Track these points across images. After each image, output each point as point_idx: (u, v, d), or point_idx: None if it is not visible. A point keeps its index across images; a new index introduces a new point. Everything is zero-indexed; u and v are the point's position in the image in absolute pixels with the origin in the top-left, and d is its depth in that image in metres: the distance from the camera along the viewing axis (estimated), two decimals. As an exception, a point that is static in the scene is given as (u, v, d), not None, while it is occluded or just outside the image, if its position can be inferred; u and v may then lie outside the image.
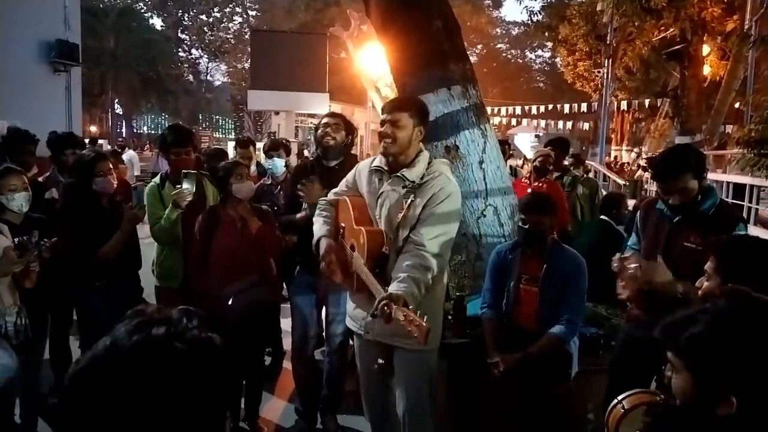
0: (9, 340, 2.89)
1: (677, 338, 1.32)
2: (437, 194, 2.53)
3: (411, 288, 2.34)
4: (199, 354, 0.88)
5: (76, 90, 15.80)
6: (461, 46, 4.05)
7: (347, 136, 3.55)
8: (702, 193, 2.66)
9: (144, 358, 0.84)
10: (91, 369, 0.86)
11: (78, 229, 3.25)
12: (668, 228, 2.74)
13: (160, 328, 0.88)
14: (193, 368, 0.86)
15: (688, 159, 2.66)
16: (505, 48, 45.93)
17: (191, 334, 0.89)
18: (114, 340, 0.87)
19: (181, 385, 0.85)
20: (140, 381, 0.83)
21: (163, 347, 0.86)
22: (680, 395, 1.36)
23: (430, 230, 2.50)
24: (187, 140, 3.68)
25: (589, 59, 22.55)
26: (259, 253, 3.42)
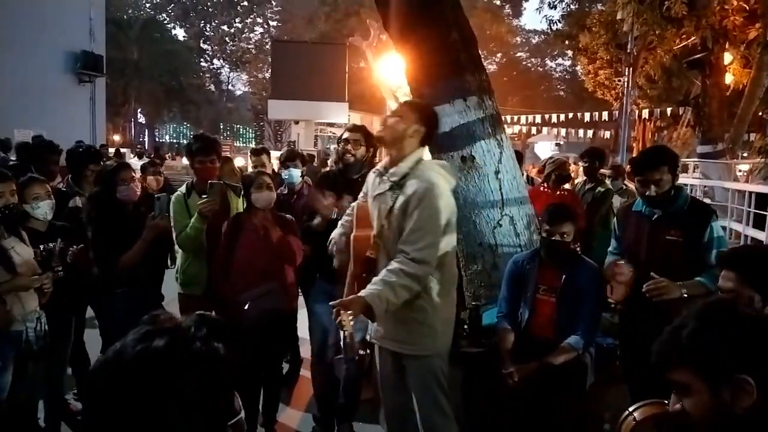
0: (30, 346, 2.97)
1: (675, 347, 1.31)
2: (410, 198, 2.51)
3: (381, 291, 2.39)
4: (199, 365, 0.91)
5: (101, 100, 16.15)
6: (477, 57, 4.08)
7: (368, 150, 3.61)
8: (675, 193, 2.92)
9: (143, 368, 0.88)
10: (100, 374, 0.91)
11: (101, 237, 3.33)
12: (648, 226, 2.96)
13: (162, 340, 0.91)
14: (192, 379, 0.89)
15: (664, 154, 2.98)
16: (525, 57, 45.78)
17: (194, 346, 0.92)
18: (121, 348, 0.92)
19: (180, 394, 0.88)
20: (140, 390, 0.87)
21: (162, 358, 0.89)
22: (699, 413, 1.30)
23: (411, 235, 2.49)
24: (212, 149, 3.75)
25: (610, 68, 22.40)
26: (278, 261, 3.48)
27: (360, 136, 3.60)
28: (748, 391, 1.23)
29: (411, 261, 2.45)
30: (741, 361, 1.24)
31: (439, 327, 2.67)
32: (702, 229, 2.83)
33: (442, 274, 2.63)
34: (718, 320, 1.28)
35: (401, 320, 2.62)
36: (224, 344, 0.97)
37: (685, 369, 1.30)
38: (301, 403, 4.15)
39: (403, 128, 2.61)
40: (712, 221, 2.87)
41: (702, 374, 1.27)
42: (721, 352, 1.26)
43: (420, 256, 2.47)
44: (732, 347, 1.25)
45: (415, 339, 2.65)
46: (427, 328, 2.63)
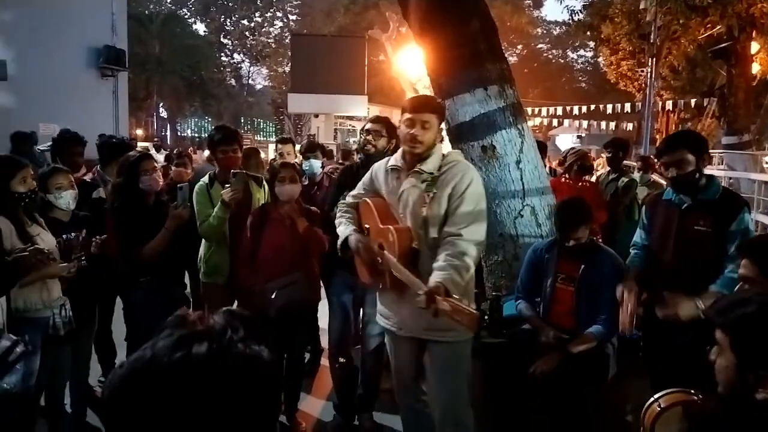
0: (57, 332, 3.03)
1: (727, 316, 1.34)
2: (459, 182, 2.55)
3: (451, 275, 2.35)
4: (244, 372, 0.83)
5: (123, 94, 16.34)
6: (498, 46, 4.05)
7: (389, 141, 3.58)
8: (706, 182, 2.86)
9: (185, 377, 0.80)
10: (131, 382, 0.82)
11: (124, 227, 3.37)
12: (678, 215, 2.89)
13: (202, 345, 0.83)
14: (237, 387, 0.82)
15: (684, 136, 3.03)
16: (546, 48, 45.36)
17: (236, 350, 0.84)
18: (154, 355, 0.83)
19: (224, 404, 0.81)
20: (180, 400, 0.79)
21: (205, 367, 0.81)
22: (722, 377, 1.38)
23: (462, 218, 2.51)
24: (234, 139, 3.78)
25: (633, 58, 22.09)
26: (304, 252, 3.50)
27: (381, 127, 3.59)
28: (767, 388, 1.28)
29: (467, 242, 2.46)
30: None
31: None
32: (731, 219, 2.75)
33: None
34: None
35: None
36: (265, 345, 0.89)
37: (725, 336, 1.35)
38: (322, 393, 4.18)
39: (435, 136, 2.65)
40: (743, 212, 2.79)
41: (737, 352, 1.31)
42: (759, 348, 1.31)
43: (475, 237, 2.49)
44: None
45: (443, 324, 2.50)
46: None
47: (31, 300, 2.94)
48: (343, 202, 2.99)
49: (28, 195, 2.96)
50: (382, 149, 3.55)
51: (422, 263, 2.55)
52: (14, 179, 2.90)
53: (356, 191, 2.94)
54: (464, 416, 2.70)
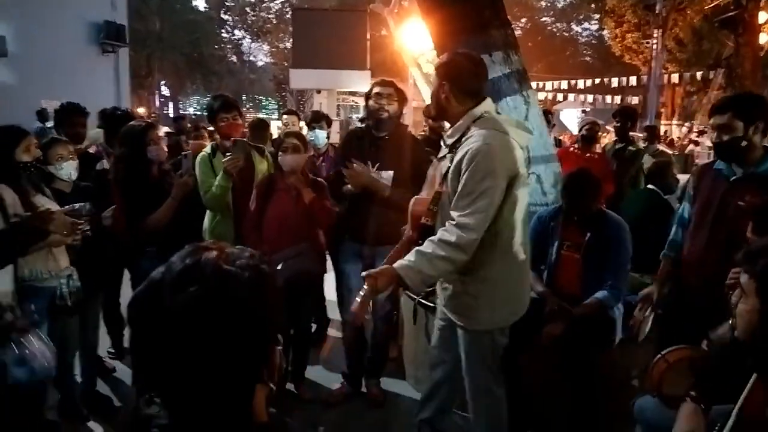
0: (64, 301, 3.04)
1: (756, 262, 1.34)
2: (465, 155, 2.27)
3: (415, 263, 2.23)
4: (249, 278, 0.90)
5: (124, 71, 16.25)
6: (503, 12, 3.99)
7: (399, 106, 3.50)
8: (762, 155, 2.62)
9: (195, 277, 0.88)
10: (147, 291, 0.91)
11: (130, 197, 3.37)
12: (724, 188, 2.68)
13: (212, 252, 0.92)
14: (243, 290, 0.89)
15: (737, 98, 2.78)
16: (551, 21, 44.76)
17: (242, 260, 0.92)
18: (168, 264, 0.92)
19: (232, 306, 0.87)
20: (191, 300, 0.86)
21: (214, 268, 0.89)
22: (742, 321, 1.38)
23: (460, 200, 2.29)
24: (233, 106, 3.75)
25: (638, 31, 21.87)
26: (309, 222, 3.49)
27: (393, 91, 3.46)
28: None
29: (455, 227, 2.25)
30: None
31: (495, 303, 2.45)
32: None
33: (498, 242, 2.36)
34: None
35: (455, 292, 2.51)
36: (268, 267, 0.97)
37: (752, 282, 1.37)
38: (328, 361, 4.21)
39: (439, 95, 2.43)
40: None
41: (762, 297, 1.32)
42: None
43: (464, 222, 2.24)
44: None
45: (466, 312, 2.49)
46: (481, 303, 2.44)
47: (37, 269, 2.94)
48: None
49: (33, 164, 2.95)
50: (394, 113, 3.45)
51: None
52: (18, 148, 2.89)
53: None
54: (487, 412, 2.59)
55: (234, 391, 0.91)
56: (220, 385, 0.89)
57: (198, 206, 3.67)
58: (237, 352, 0.89)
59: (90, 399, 3.57)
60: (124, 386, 3.87)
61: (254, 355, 0.92)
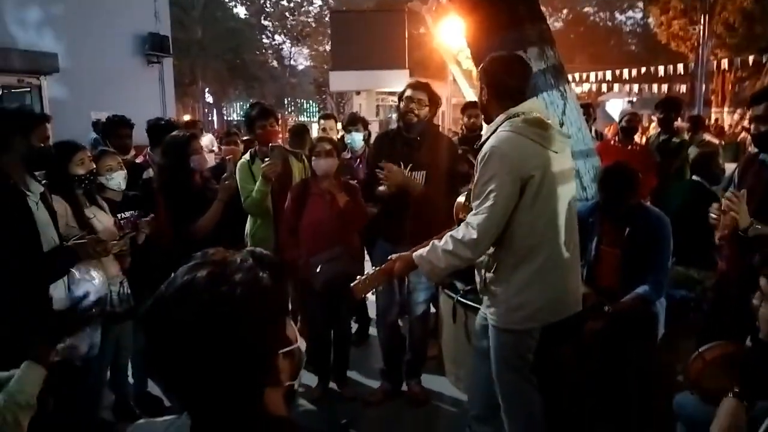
0: (113, 308, 3.16)
1: None
2: (481, 154, 2.36)
3: (428, 253, 2.39)
4: (241, 294, 0.93)
5: (169, 80, 16.69)
6: (537, 6, 3.96)
7: (431, 110, 3.50)
8: None
9: (187, 298, 0.92)
10: (152, 304, 0.96)
11: (175, 204, 3.48)
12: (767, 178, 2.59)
13: (205, 270, 0.95)
14: (233, 308, 0.92)
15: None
16: (593, 11, 43.81)
17: (237, 276, 0.95)
18: (172, 279, 0.97)
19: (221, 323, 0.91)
20: (185, 319, 0.91)
21: (203, 288, 0.93)
22: (765, 324, 1.36)
23: (474, 202, 2.38)
24: (270, 113, 3.85)
25: (684, 17, 21.23)
26: (345, 225, 3.55)
27: (425, 95, 3.45)
28: None
29: (465, 225, 2.34)
30: None
31: (512, 303, 2.43)
32: None
33: (513, 244, 2.37)
34: None
35: (481, 286, 2.57)
36: (271, 274, 0.99)
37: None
38: (371, 362, 4.25)
39: (481, 98, 2.52)
40: None
41: None
42: None
43: (471, 220, 2.32)
44: None
45: (491, 308, 2.53)
46: (500, 301, 2.47)
47: (87, 278, 3.06)
48: None
49: (87, 177, 3.09)
50: (424, 118, 3.46)
51: None
52: (72, 162, 3.04)
53: None
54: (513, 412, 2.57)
55: (237, 396, 0.95)
56: (223, 391, 0.94)
57: (240, 211, 3.77)
58: (233, 364, 0.92)
59: (142, 400, 3.70)
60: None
61: (253, 365, 0.95)
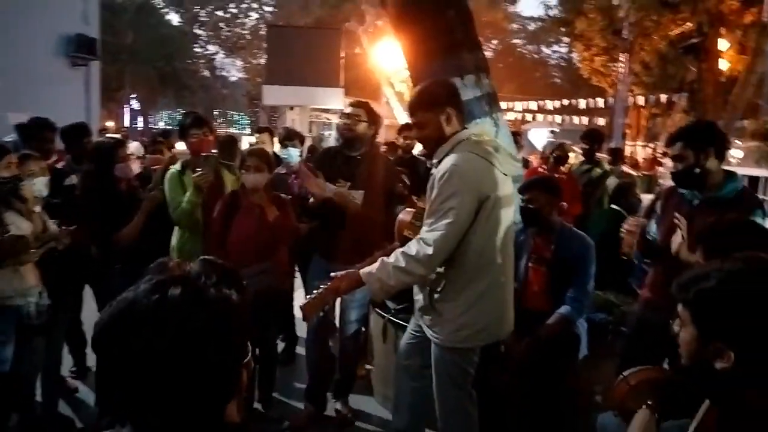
0: (31, 321, 2.99)
1: (688, 291, 1.38)
2: (439, 172, 2.37)
3: (377, 271, 2.34)
4: (215, 314, 0.93)
5: (95, 84, 16.03)
6: (474, 35, 4.08)
7: (370, 126, 3.54)
8: (724, 179, 2.71)
9: (160, 317, 0.90)
10: (114, 321, 0.92)
11: (98, 213, 3.34)
12: (686, 212, 2.73)
13: (176, 289, 0.93)
14: (210, 326, 0.92)
15: (687, 129, 2.84)
16: (522, 43, 45.56)
17: (208, 294, 0.95)
18: (135, 297, 0.93)
19: (198, 341, 0.90)
20: (156, 338, 0.88)
21: (179, 308, 0.91)
22: (685, 348, 1.43)
23: (427, 219, 2.39)
24: (204, 122, 3.78)
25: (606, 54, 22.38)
26: (273, 240, 3.48)
27: (362, 112, 3.52)
28: (725, 358, 1.33)
29: (418, 241, 2.33)
30: (730, 336, 1.32)
31: (459, 322, 2.46)
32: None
33: (464, 263, 2.40)
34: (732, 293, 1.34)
35: (424, 305, 2.56)
36: (235, 289, 1.00)
37: (686, 310, 1.41)
38: (298, 381, 4.18)
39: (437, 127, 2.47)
40: (755, 214, 2.59)
41: (697, 325, 1.35)
42: (717, 320, 1.35)
43: (426, 237, 2.32)
44: (728, 321, 1.33)
45: (432, 326, 2.55)
46: (445, 320, 2.49)
47: (2, 288, 2.89)
48: None
49: (8, 180, 2.92)
50: (361, 134, 3.50)
51: None
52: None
53: None
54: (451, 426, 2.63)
55: (205, 410, 0.93)
56: (191, 406, 0.92)
57: (166, 222, 3.65)
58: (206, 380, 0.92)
59: (52, 420, 3.48)
60: (86, 407, 3.80)
61: (222, 380, 0.95)
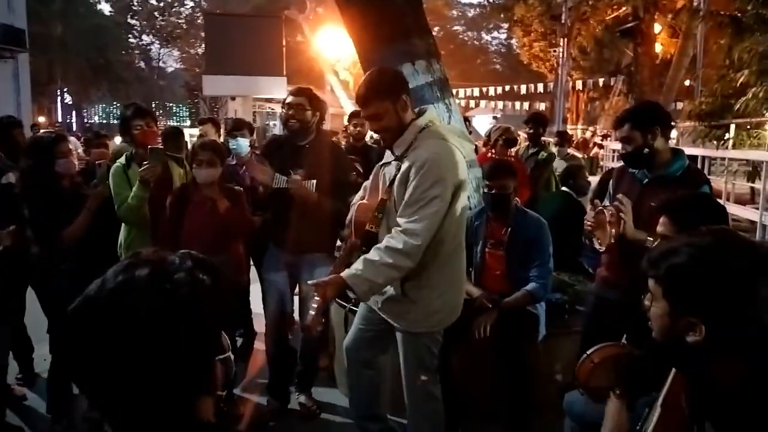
0: None
1: (659, 267, 1.39)
2: (415, 162, 2.35)
3: (363, 272, 2.29)
4: (185, 294, 0.90)
5: (24, 78, 15.33)
6: (424, 20, 4.07)
7: (314, 114, 3.47)
8: (672, 157, 2.78)
9: (127, 297, 0.88)
10: (83, 307, 0.89)
11: (40, 212, 3.18)
12: (638, 190, 2.81)
13: (145, 269, 0.91)
14: (177, 308, 0.89)
15: (631, 111, 2.90)
16: (462, 30, 46.10)
17: (178, 276, 0.92)
18: (101, 282, 0.91)
19: (165, 323, 0.88)
20: (125, 319, 0.86)
21: (146, 287, 0.89)
22: (656, 323, 1.45)
23: (407, 208, 2.35)
24: (147, 112, 3.62)
25: (545, 40, 22.91)
26: (227, 234, 3.39)
27: (304, 100, 3.43)
28: (697, 332, 1.35)
29: (401, 234, 2.31)
30: (701, 310, 1.34)
31: (432, 307, 2.52)
32: None
33: (440, 249, 2.44)
34: (703, 267, 1.35)
35: (393, 295, 2.54)
36: (210, 277, 0.96)
37: (657, 285, 1.42)
38: (257, 377, 4.11)
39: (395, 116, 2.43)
40: (703, 190, 2.66)
41: (669, 300, 1.37)
42: (689, 295, 1.36)
43: (411, 228, 2.30)
44: (699, 296, 1.35)
45: (404, 315, 2.55)
46: (419, 307, 2.51)
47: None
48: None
49: None
50: (306, 123, 3.42)
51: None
52: None
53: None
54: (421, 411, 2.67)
55: (172, 402, 0.91)
56: (158, 396, 0.90)
57: (113, 219, 3.50)
58: (172, 367, 0.89)
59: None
60: (36, 414, 3.63)
61: (191, 369, 0.92)
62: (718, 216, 2.22)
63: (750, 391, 1.30)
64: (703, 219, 1.98)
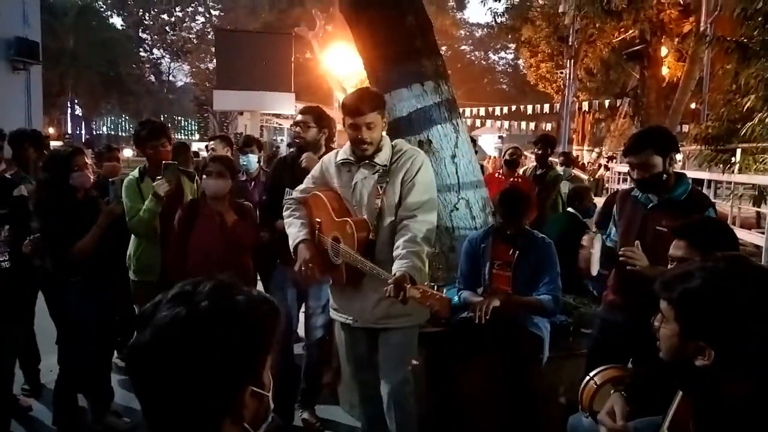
0: None
1: (673, 290, 1.42)
2: (410, 169, 2.64)
3: (413, 262, 2.42)
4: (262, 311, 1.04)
5: (37, 90, 15.48)
6: (433, 42, 4.13)
7: (320, 131, 3.54)
8: (675, 181, 2.78)
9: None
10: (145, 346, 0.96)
11: (54, 225, 3.22)
12: (642, 214, 2.81)
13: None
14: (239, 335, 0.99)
15: (651, 135, 2.83)
16: (469, 50, 46.42)
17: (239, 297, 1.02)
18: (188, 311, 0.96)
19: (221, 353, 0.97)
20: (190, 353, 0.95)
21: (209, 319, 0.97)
22: (665, 344, 1.48)
23: (414, 203, 2.59)
24: (162, 133, 3.68)
25: (551, 61, 23.00)
26: (234, 248, 3.41)
27: (310, 118, 3.54)
28: (706, 356, 1.38)
29: (420, 224, 2.54)
30: (711, 336, 1.37)
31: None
32: None
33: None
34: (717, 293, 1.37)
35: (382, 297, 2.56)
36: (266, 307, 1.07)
37: (670, 308, 1.44)
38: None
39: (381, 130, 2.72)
40: (709, 213, 2.68)
41: (680, 323, 1.40)
42: (701, 319, 1.39)
43: (429, 219, 2.59)
44: (711, 320, 1.37)
45: (398, 311, 2.63)
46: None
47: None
48: (290, 197, 2.95)
49: None
50: (312, 140, 3.52)
51: (378, 252, 2.61)
52: None
53: (305, 185, 2.92)
54: (408, 399, 2.78)
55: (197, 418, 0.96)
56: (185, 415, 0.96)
57: (123, 232, 3.54)
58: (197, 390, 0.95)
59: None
60: (41, 426, 3.64)
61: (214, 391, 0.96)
62: (732, 240, 2.25)
63: (756, 412, 1.32)
64: (719, 243, 2.02)
